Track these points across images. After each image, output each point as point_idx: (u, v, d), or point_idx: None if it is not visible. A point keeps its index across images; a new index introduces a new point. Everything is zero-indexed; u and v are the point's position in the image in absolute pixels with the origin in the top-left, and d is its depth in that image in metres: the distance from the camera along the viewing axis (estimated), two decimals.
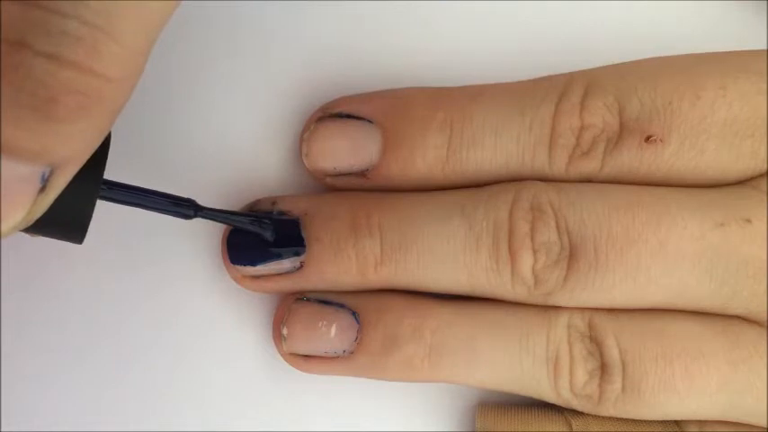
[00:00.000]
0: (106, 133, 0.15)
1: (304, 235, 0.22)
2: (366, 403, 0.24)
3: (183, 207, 0.21)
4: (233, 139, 0.24)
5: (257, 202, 0.23)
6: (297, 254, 0.22)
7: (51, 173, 0.14)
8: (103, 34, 0.12)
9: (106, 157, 0.18)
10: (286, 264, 0.22)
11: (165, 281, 0.24)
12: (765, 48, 0.22)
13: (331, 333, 0.22)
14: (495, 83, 0.23)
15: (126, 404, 0.23)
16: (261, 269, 0.22)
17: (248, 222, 0.22)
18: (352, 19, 0.24)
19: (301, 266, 0.22)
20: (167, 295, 0.24)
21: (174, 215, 0.21)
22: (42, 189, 0.14)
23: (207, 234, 0.23)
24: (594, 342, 0.21)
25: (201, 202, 0.21)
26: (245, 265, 0.22)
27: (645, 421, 0.22)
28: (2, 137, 0.13)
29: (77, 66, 0.12)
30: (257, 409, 0.24)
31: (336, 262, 0.22)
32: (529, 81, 0.22)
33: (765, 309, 0.21)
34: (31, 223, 0.15)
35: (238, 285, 0.23)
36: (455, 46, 0.25)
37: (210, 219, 0.21)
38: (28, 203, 0.14)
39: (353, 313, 0.22)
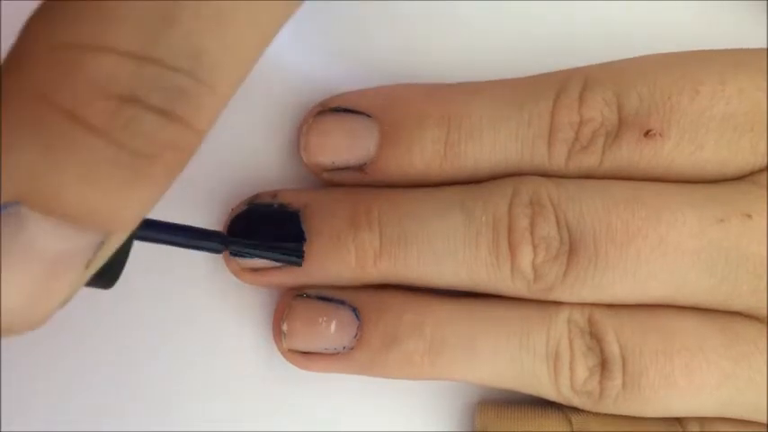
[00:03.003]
0: None
1: (304, 228, 0.22)
2: (365, 402, 0.24)
3: (212, 241, 0.20)
4: (233, 133, 0.24)
5: (258, 195, 0.23)
6: (297, 246, 0.22)
7: (106, 240, 0.12)
8: (208, 89, 0.12)
9: None
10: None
11: (163, 277, 0.24)
12: (765, 47, 0.23)
13: (331, 329, 0.22)
14: (493, 79, 0.23)
15: (125, 403, 0.23)
16: (260, 261, 0.22)
17: (278, 254, 0.22)
18: (352, 17, 0.25)
19: (303, 263, 0.22)
20: (166, 292, 0.24)
21: (203, 250, 0.20)
22: (91, 261, 0.12)
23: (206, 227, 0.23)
24: (595, 338, 0.21)
25: (202, 196, 0.21)
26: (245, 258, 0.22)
27: (646, 421, 0.22)
28: (70, 200, 0.11)
29: (184, 121, 0.12)
30: (256, 407, 0.24)
31: (336, 255, 0.22)
32: (527, 77, 0.22)
33: (766, 304, 0.21)
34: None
35: (238, 280, 0.23)
36: (454, 46, 0.25)
37: (238, 253, 0.22)
38: (76, 281, 0.12)
39: (353, 309, 0.22)
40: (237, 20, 0.12)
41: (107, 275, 0.15)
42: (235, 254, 0.22)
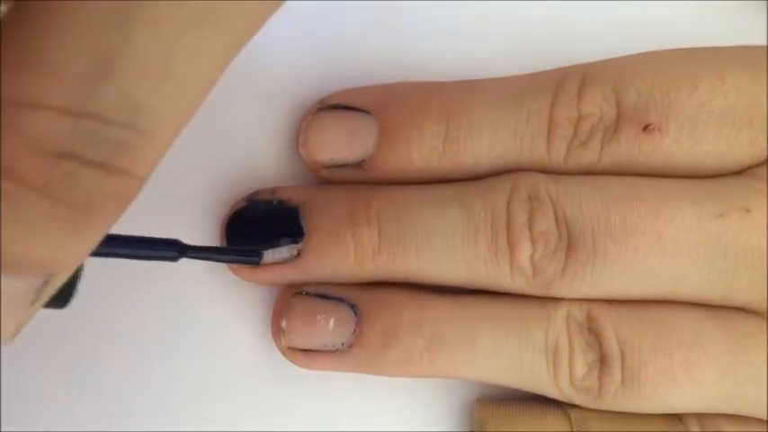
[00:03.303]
0: None
1: (303, 224, 0.22)
2: (365, 401, 0.24)
3: (167, 250, 0.19)
4: (232, 131, 0.24)
5: (257, 191, 0.23)
6: (295, 242, 0.22)
7: (49, 280, 0.13)
8: (149, 139, 0.12)
9: None
10: (284, 252, 0.22)
11: (162, 275, 0.24)
12: (763, 44, 0.23)
13: (329, 326, 0.22)
14: (492, 77, 0.23)
15: (124, 402, 0.23)
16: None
17: (234, 256, 0.22)
18: (352, 17, 0.25)
19: (299, 255, 0.22)
20: (165, 290, 0.24)
21: (159, 260, 0.20)
22: (35, 299, 0.13)
23: (205, 225, 0.24)
24: (593, 333, 0.21)
25: (201, 193, 0.21)
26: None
27: (646, 418, 0.22)
28: (10, 252, 0.12)
29: (123, 172, 0.12)
30: (256, 407, 0.24)
31: (334, 251, 0.22)
32: (526, 75, 0.23)
33: (765, 299, 0.21)
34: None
35: (236, 277, 0.23)
36: (454, 46, 0.25)
37: (196, 258, 0.21)
38: (21, 317, 0.13)
39: (352, 306, 0.22)
40: (178, 71, 0.11)
41: (60, 299, 0.15)
42: (193, 258, 0.21)
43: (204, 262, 0.23)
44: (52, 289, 0.13)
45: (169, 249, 0.19)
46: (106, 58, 0.11)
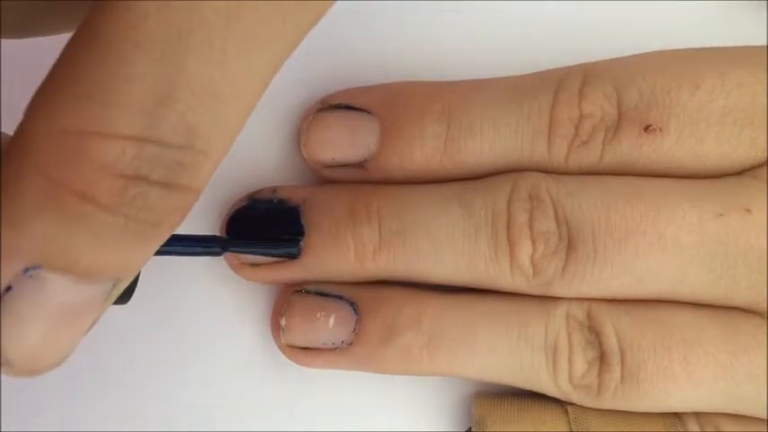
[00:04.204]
0: None
1: (303, 222, 0.22)
2: (363, 398, 0.24)
3: (211, 246, 0.21)
4: None
5: (258, 191, 0.23)
6: (296, 240, 0.22)
7: (117, 284, 0.14)
8: (205, 157, 0.13)
9: None
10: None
11: (162, 273, 0.24)
12: (764, 44, 0.23)
13: (329, 324, 0.22)
14: (493, 77, 0.23)
15: (125, 401, 0.23)
16: (259, 257, 0.22)
17: (276, 250, 0.22)
18: (354, 16, 0.25)
19: (300, 253, 0.22)
20: (165, 289, 0.24)
21: (205, 255, 0.21)
22: (106, 299, 0.14)
23: (205, 223, 0.24)
24: (593, 331, 0.21)
25: (203, 193, 0.21)
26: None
27: (645, 417, 0.22)
28: (84, 262, 0.13)
29: (184, 188, 0.13)
30: (255, 404, 0.24)
31: (335, 249, 0.22)
32: (527, 74, 0.23)
33: (765, 299, 0.21)
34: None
35: (237, 276, 0.23)
36: (455, 46, 0.25)
37: (239, 252, 0.22)
38: (96, 316, 0.14)
39: (352, 304, 0.22)
40: (226, 93, 0.13)
41: (124, 297, 0.17)
42: (235, 252, 0.22)
43: (204, 259, 0.23)
44: (119, 290, 0.14)
45: (213, 245, 0.21)
46: (164, 86, 0.12)
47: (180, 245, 0.20)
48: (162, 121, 0.12)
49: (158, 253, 0.19)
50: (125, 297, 0.17)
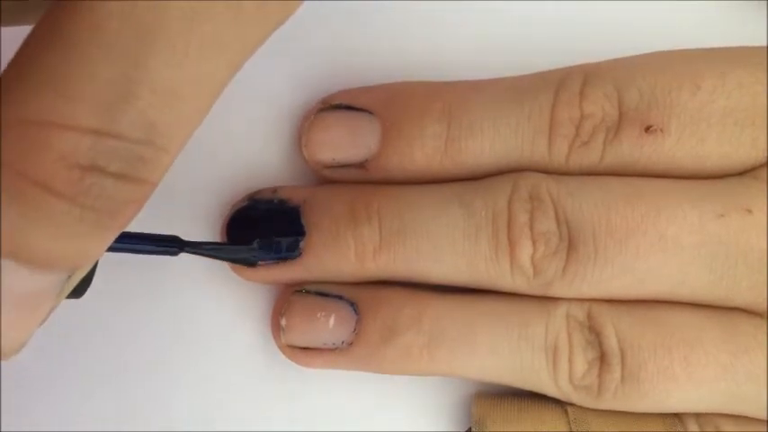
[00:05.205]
0: None
1: (304, 222, 0.22)
2: (363, 398, 0.24)
3: (168, 246, 0.21)
4: (234, 131, 0.24)
5: (259, 191, 0.23)
6: (296, 241, 0.22)
7: (72, 274, 0.14)
8: (165, 152, 0.13)
9: None
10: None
11: (162, 273, 0.24)
12: (764, 45, 0.23)
13: (329, 324, 0.22)
14: (494, 77, 0.23)
15: (124, 400, 0.23)
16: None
17: (234, 253, 0.22)
18: (353, 15, 0.25)
19: (300, 254, 0.22)
20: (165, 289, 0.24)
21: (160, 254, 0.21)
22: (61, 291, 0.14)
23: (206, 224, 0.24)
24: (593, 332, 0.21)
25: (203, 192, 0.21)
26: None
27: (645, 418, 0.22)
28: (41, 252, 0.13)
29: (141, 181, 0.13)
30: (255, 404, 0.24)
31: (335, 249, 0.22)
32: (528, 75, 0.23)
33: (765, 299, 0.21)
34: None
35: (237, 276, 0.23)
36: (456, 46, 0.25)
37: (195, 254, 0.22)
38: (50, 307, 0.14)
39: (352, 304, 0.22)
40: (185, 92, 0.13)
41: (78, 290, 0.17)
42: (191, 254, 0.22)
43: (205, 260, 0.23)
44: (74, 282, 0.15)
45: (170, 245, 0.21)
46: (125, 84, 0.12)
47: (138, 242, 0.20)
48: (122, 117, 0.13)
49: (118, 250, 0.20)
50: (80, 290, 0.17)
